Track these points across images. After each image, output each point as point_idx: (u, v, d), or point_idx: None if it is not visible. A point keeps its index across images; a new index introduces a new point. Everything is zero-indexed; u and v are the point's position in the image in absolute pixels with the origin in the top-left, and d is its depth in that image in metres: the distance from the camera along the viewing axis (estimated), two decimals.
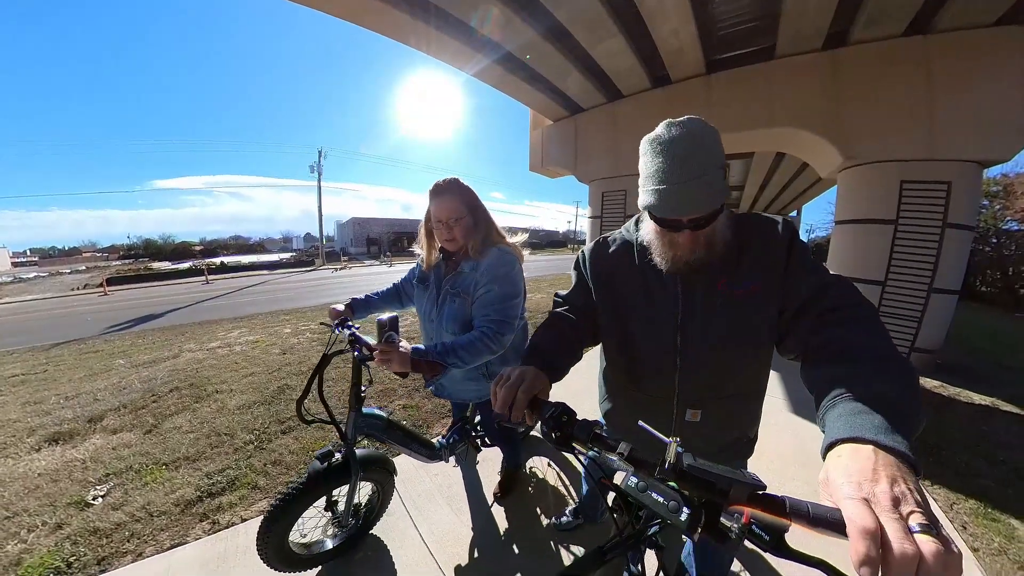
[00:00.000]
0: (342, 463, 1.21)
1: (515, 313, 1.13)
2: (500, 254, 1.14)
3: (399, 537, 1.52)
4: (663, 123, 0.68)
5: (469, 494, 1.76)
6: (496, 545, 1.50)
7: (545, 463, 2.00)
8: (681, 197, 0.64)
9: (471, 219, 1.14)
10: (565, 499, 1.77)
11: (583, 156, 7.28)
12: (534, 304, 7.01)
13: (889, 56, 3.91)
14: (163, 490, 1.78)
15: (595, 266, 0.89)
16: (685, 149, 0.63)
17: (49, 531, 1.57)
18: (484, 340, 1.05)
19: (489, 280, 1.11)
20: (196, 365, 3.73)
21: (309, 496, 1.17)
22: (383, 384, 2.95)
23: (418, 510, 1.66)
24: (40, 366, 4.10)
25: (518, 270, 1.18)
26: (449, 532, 1.55)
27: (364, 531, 1.46)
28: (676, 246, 0.71)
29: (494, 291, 1.10)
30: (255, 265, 21.43)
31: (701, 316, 0.76)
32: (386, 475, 1.41)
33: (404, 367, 0.96)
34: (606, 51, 4.87)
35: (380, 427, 1.30)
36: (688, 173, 0.62)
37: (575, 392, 1.55)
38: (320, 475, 1.17)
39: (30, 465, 2.08)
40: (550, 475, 1.91)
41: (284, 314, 6.70)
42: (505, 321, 1.08)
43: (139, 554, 1.44)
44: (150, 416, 2.60)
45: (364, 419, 1.25)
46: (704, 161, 0.63)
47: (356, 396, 1.21)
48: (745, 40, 4.62)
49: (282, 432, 2.29)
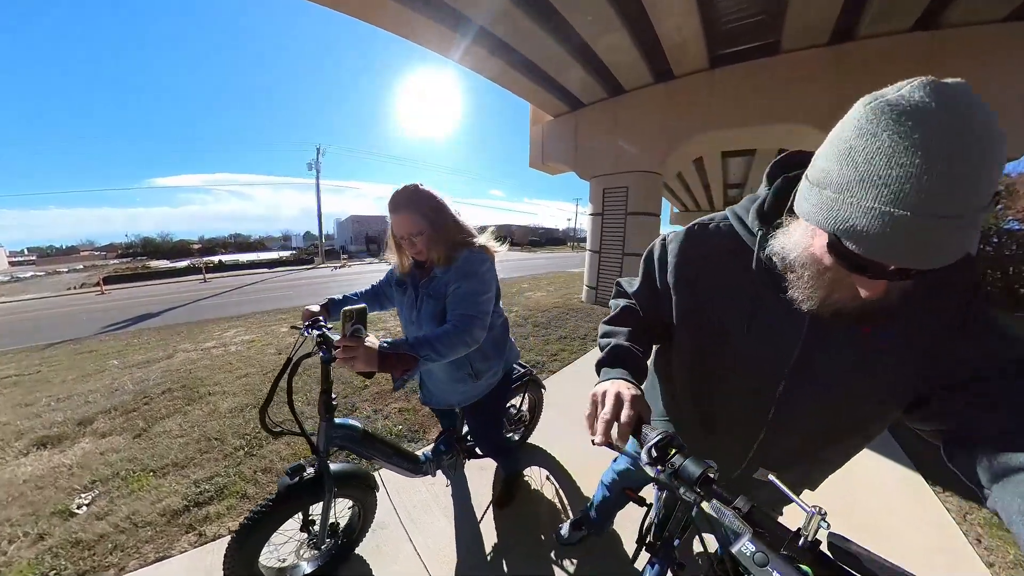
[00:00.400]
0: (315, 478, 1.12)
1: (486, 308, 1.12)
2: (469, 255, 1.13)
3: (392, 551, 1.46)
4: (926, 84, 0.36)
5: (465, 504, 1.70)
6: (494, 557, 1.45)
7: (543, 475, 1.93)
8: (935, 238, 0.36)
9: (432, 230, 1.10)
10: (562, 510, 1.71)
11: (584, 152, 7.21)
12: (534, 303, 6.96)
13: (895, 52, 3.83)
14: (149, 499, 1.72)
15: (684, 262, 0.66)
16: (979, 158, 0.34)
17: (31, 542, 1.51)
18: (456, 332, 1.03)
19: (459, 278, 1.11)
20: (190, 366, 3.67)
21: (279, 515, 1.08)
22: (379, 387, 2.89)
23: (412, 521, 1.60)
24: (34, 367, 4.04)
25: (488, 267, 1.16)
26: (445, 545, 1.49)
27: (347, 551, 1.38)
28: (843, 289, 0.46)
29: (464, 287, 1.10)
30: (254, 263, 21.37)
31: (825, 364, 0.56)
32: (366, 491, 1.31)
33: (370, 365, 0.87)
34: (608, 45, 4.79)
35: (355, 439, 1.22)
36: (966, 202, 0.34)
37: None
38: (290, 491, 1.08)
39: (16, 471, 2.03)
40: (547, 488, 1.85)
41: (281, 313, 6.65)
42: (476, 316, 1.08)
43: (122, 568, 1.38)
44: (140, 419, 2.54)
45: (337, 430, 1.16)
46: (993, 182, 0.35)
47: (326, 404, 1.12)
48: (750, 35, 4.53)
49: (274, 437, 2.23)
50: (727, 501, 0.46)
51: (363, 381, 2.93)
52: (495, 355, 1.32)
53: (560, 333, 4.65)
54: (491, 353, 1.29)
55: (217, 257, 29.33)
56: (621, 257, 6.69)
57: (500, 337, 1.33)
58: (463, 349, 1.05)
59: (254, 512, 1.04)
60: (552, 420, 2.40)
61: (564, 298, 7.53)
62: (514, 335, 4.72)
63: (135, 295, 11.35)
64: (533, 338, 4.42)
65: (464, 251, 1.12)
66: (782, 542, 0.40)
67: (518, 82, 5.99)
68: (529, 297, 7.77)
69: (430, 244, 1.10)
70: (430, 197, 1.10)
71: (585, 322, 5.32)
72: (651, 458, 0.54)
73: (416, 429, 2.35)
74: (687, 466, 0.51)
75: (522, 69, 5.56)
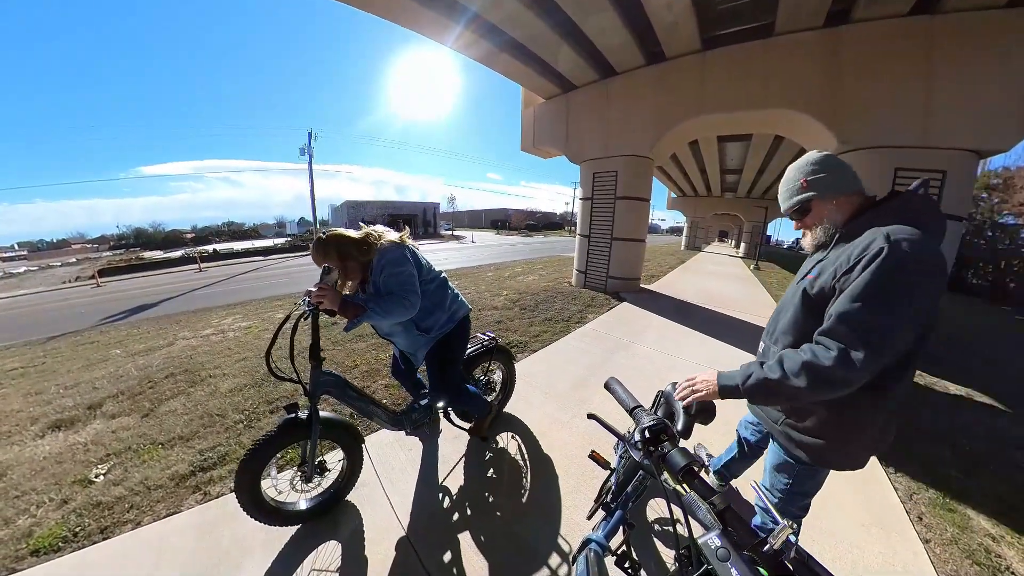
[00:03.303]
0: (307, 419, 1.38)
1: (410, 281, 1.43)
2: (380, 253, 1.43)
3: (372, 506, 1.66)
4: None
5: (439, 467, 1.90)
6: (462, 514, 1.64)
7: (516, 441, 2.14)
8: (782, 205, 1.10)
9: (351, 261, 1.40)
10: (529, 471, 1.90)
11: (575, 135, 7.15)
12: (525, 286, 7.10)
13: (891, 37, 3.72)
14: (159, 466, 1.92)
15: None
16: (785, 177, 1.08)
17: (56, 506, 1.70)
18: (394, 298, 1.39)
19: (380, 271, 1.43)
20: (190, 352, 3.83)
21: (277, 443, 1.35)
22: (369, 365, 3.08)
23: (391, 482, 1.80)
24: (38, 359, 4.18)
25: (399, 253, 1.44)
26: (417, 501, 1.69)
27: (338, 499, 1.61)
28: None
29: (386, 273, 1.42)
30: (249, 251, 21.25)
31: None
32: (350, 439, 1.55)
33: (334, 305, 1.27)
34: (597, 25, 4.68)
35: (336, 385, 1.50)
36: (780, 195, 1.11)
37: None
38: (287, 424, 1.35)
39: (35, 450, 2.19)
40: (517, 452, 2.05)
41: (277, 299, 6.77)
42: (403, 287, 1.41)
43: (138, 523, 1.58)
44: (147, 401, 2.71)
45: (323, 376, 1.43)
46: (786, 190, 1.09)
47: (314, 350, 1.40)
48: (743, 16, 4.42)
49: (270, 412, 2.42)
50: (705, 496, 0.49)
51: (353, 362, 3.15)
52: (439, 312, 1.62)
53: (545, 316, 4.82)
54: (435, 311, 1.60)
55: (211, 246, 29.08)
56: (610, 242, 6.72)
57: (438, 296, 1.62)
58: (402, 310, 1.40)
59: (258, 440, 1.31)
60: (527, 394, 2.60)
61: (555, 282, 7.67)
62: (501, 317, 4.86)
63: (131, 286, 11.42)
64: (519, 320, 4.59)
65: (377, 254, 1.42)
66: (747, 544, 0.43)
67: (508, 64, 5.87)
68: (521, 281, 7.91)
69: (354, 272, 1.44)
70: (334, 240, 1.38)
71: (571, 305, 5.48)
72: (642, 439, 0.59)
73: (399, 402, 2.56)
74: (674, 455, 0.55)
75: (512, 51, 5.45)
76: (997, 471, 2.07)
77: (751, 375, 0.87)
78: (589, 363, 3.31)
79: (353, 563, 1.40)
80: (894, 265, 0.74)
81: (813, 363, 0.78)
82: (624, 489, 0.84)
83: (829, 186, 0.95)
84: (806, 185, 0.97)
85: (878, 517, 1.67)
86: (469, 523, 1.59)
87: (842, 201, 0.95)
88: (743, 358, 3.59)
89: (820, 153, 0.99)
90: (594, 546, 0.77)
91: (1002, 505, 1.80)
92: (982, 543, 1.57)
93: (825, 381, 0.78)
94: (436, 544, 1.48)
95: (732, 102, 4.95)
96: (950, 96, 3.53)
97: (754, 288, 8.61)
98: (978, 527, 1.67)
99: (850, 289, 0.79)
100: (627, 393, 0.87)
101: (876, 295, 0.75)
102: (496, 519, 1.61)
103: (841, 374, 0.76)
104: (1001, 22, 3.27)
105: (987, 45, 3.34)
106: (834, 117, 4.17)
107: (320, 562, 1.39)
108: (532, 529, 1.55)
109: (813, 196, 0.97)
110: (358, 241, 1.41)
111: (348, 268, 1.41)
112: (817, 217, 0.99)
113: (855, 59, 3.96)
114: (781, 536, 0.41)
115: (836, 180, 0.95)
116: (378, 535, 1.52)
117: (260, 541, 1.46)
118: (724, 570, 0.41)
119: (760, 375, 0.85)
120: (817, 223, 0.99)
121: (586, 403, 2.58)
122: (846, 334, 0.77)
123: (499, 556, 1.43)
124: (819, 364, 0.77)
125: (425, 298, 1.50)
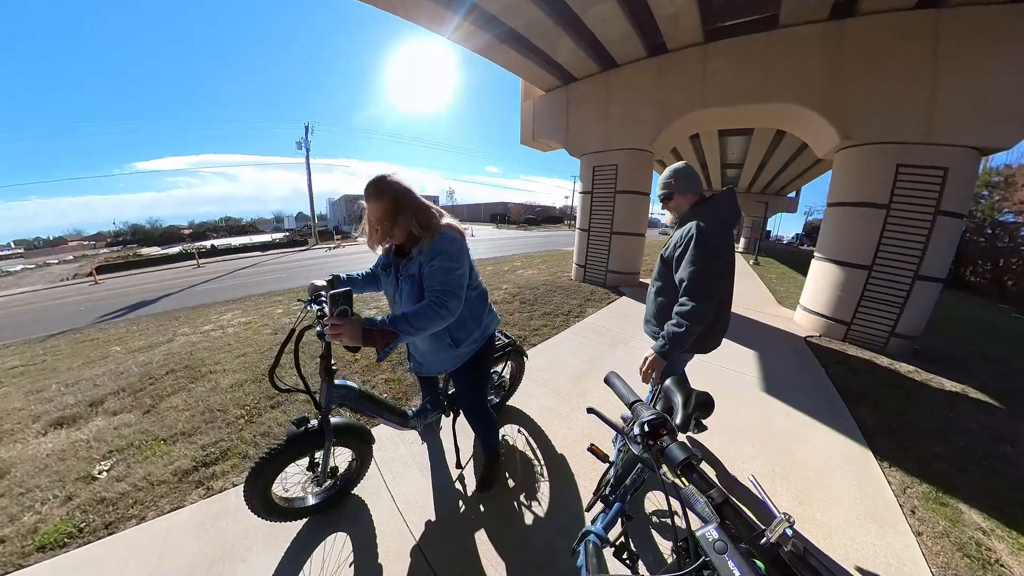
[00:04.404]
0: (317, 429, 1.35)
1: (459, 283, 1.22)
2: (441, 236, 1.23)
3: (374, 499, 1.68)
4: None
5: (439, 461, 1.93)
6: (461, 509, 1.66)
7: (521, 433, 2.16)
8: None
9: (402, 218, 1.19)
10: (534, 460, 1.93)
11: (575, 128, 7.06)
12: (525, 280, 7.09)
13: (896, 31, 3.65)
14: (162, 462, 1.93)
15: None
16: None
17: (60, 503, 1.71)
18: (432, 307, 1.15)
19: (432, 257, 1.21)
20: (190, 348, 3.83)
21: (286, 456, 1.32)
22: (368, 359, 3.08)
23: (393, 475, 1.82)
24: (38, 357, 4.17)
25: (459, 246, 1.25)
26: (418, 495, 1.71)
27: (345, 493, 1.63)
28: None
29: (436, 265, 1.20)
30: (247, 247, 21.18)
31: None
32: (362, 443, 1.55)
33: (355, 340, 1.03)
34: (598, 15, 4.59)
35: (352, 397, 1.44)
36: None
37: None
38: (295, 438, 1.32)
39: (38, 448, 2.20)
40: (523, 444, 2.07)
41: (276, 295, 6.77)
42: (449, 291, 1.18)
43: (142, 518, 1.60)
44: (148, 397, 2.72)
45: (336, 390, 1.38)
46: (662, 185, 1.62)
47: (326, 369, 1.33)
48: (747, 7, 4.34)
49: (271, 407, 2.44)
50: (703, 489, 0.50)
51: (353, 356, 3.13)
52: (472, 323, 1.44)
53: (544, 310, 4.83)
54: (469, 322, 1.41)
55: (209, 242, 28.96)
56: (609, 236, 6.70)
57: (477, 307, 1.45)
58: (439, 322, 1.16)
59: (266, 451, 1.29)
60: (527, 387, 2.61)
61: (554, 276, 7.67)
62: (500, 311, 4.87)
63: (129, 283, 11.39)
64: (518, 314, 4.60)
65: (438, 233, 1.22)
66: (744, 537, 0.43)
67: (508, 55, 5.76)
68: (520, 275, 7.90)
69: (402, 229, 1.21)
70: (397, 188, 1.19)
71: (570, 299, 5.49)
72: (641, 433, 0.60)
73: (399, 396, 2.59)
74: (673, 449, 0.55)
75: (511, 42, 5.34)
76: (989, 467, 2.10)
77: (669, 335, 1.37)
78: (588, 357, 3.33)
79: (358, 553, 1.42)
80: (699, 240, 1.38)
81: (688, 312, 1.35)
82: (623, 482, 0.86)
83: (682, 187, 1.55)
84: (672, 183, 1.56)
85: (872, 510, 1.70)
86: (468, 515, 1.61)
87: (689, 197, 1.55)
88: (740, 352, 3.62)
89: (683, 164, 1.58)
90: (593, 537, 0.79)
91: (993, 499, 1.83)
92: (973, 536, 1.60)
93: (698, 319, 1.35)
94: (435, 538, 1.50)
95: (734, 95, 4.89)
96: (954, 93, 3.49)
97: (753, 283, 8.62)
98: (970, 520, 1.69)
99: (686, 259, 1.40)
100: (627, 387, 0.88)
101: (694, 260, 1.38)
102: (494, 510, 1.63)
103: (702, 311, 1.35)
104: (1007, 18, 3.23)
105: (993, 40, 3.29)
106: (837, 112, 4.13)
107: (324, 553, 1.42)
108: (530, 519, 1.58)
109: (674, 191, 1.56)
110: (424, 206, 1.22)
111: (396, 224, 1.19)
112: (675, 204, 1.59)
113: (859, 53, 3.90)
114: (778, 529, 0.41)
115: (687, 183, 1.54)
116: (381, 527, 1.54)
117: (263, 535, 1.48)
118: (721, 562, 0.41)
119: (671, 331, 1.37)
120: (674, 209, 1.60)
121: (585, 397, 2.60)
122: (690, 289, 1.38)
123: (499, 547, 1.45)
124: (691, 312, 1.35)
125: (464, 306, 1.27)
